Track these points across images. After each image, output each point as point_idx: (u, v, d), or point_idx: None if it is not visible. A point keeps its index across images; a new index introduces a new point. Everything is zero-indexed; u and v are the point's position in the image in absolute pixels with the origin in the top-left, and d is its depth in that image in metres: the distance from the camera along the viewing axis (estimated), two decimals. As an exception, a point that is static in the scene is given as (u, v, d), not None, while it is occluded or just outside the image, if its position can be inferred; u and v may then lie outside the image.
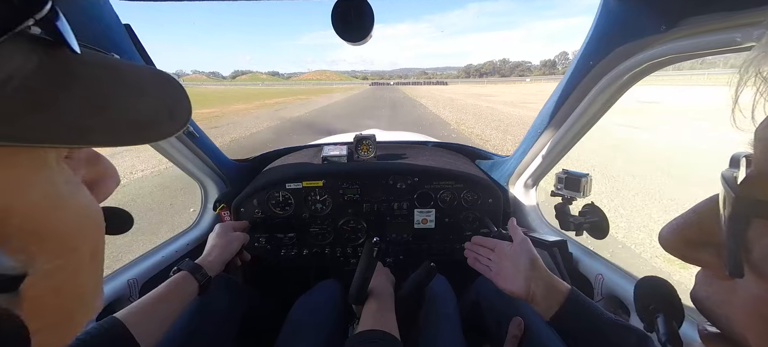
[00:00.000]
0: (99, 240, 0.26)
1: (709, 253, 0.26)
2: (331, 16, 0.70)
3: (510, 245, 0.83)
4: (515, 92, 43.37)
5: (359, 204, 1.30)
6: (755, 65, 0.22)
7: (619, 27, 0.73)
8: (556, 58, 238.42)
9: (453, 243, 1.32)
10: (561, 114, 0.98)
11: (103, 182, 0.28)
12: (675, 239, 0.28)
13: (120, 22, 0.82)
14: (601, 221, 1.01)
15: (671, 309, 0.37)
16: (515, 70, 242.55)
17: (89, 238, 0.25)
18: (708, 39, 0.58)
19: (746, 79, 0.23)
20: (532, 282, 0.72)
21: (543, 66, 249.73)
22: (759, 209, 0.21)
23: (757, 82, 0.22)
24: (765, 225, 0.21)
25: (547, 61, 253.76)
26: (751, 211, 0.21)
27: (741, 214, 0.21)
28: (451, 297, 1.02)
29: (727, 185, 0.22)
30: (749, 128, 0.23)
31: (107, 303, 0.94)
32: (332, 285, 1.08)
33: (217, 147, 1.33)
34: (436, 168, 1.30)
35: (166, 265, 1.16)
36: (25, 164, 0.20)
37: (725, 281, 0.24)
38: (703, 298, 0.27)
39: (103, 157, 0.29)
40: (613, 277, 0.97)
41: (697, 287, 0.28)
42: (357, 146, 1.37)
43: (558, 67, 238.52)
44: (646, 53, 0.69)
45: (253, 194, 1.27)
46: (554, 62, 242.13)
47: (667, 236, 0.28)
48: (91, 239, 0.25)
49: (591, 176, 1.05)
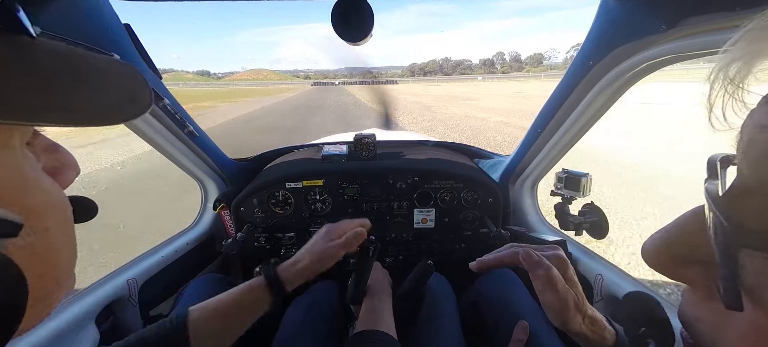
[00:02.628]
0: (68, 221, 0.28)
1: (695, 271, 0.25)
2: (331, 16, 0.70)
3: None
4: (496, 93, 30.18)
5: (359, 204, 1.30)
6: (723, 70, 0.22)
7: (619, 27, 0.73)
8: (494, 57, 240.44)
9: (453, 243, 1.32)
10: (561, 114, 0.98)
11: (64, 171, 0.30)
12: (659, 256, 0.27)
13: (120, 22, 0.82)
14: (600, 221, 1.01)
15: (662, 334, 0.36)
16: (457, 69, 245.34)
17: (59, 219, 0.26)
18: (708, 39, 0.58)
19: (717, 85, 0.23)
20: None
21: (482, 65, 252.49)
22: (748, 240, 0.20)
23: (724, 84, 0.22)
24: (754, 254, 0.20)
25: (486, 60, 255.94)
26: (740, 241, 0.20)
27: (731, 244, 0.21)
28: (450, 296, 1.02)
29: (713, 207, 0.21)
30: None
31: (107, 303, 0.94)
32: (330, 286, 1.08)
33: (218, 147, 1.33)
34: (436, 168, 1.30)
35: (165, 265, 1.16)
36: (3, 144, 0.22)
37: (716, 303, 0.23)
38: (693, 320, 0.26)
39: (61, 147, 0.30)
40: (613, 278, 0.97)
41: (685, 306, 0.27)
42: (357, 146, 1.37)
43: (496, 66, 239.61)
44: (646, 53, 0.69)
45: (253, 194, 1.27)
46: (492, 61, 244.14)
47: (650, 252, 0.27)
48: (61, 220, 0.27)
49: (591, 176, 1.05)
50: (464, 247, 1.32)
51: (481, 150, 1.60)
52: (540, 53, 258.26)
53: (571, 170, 1.06)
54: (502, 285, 1.03)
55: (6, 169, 0.23)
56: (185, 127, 1.09)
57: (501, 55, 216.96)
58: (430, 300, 0.96)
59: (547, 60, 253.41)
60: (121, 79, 0.28)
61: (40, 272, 0.24)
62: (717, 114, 0.23)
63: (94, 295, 0.92)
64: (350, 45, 0.74)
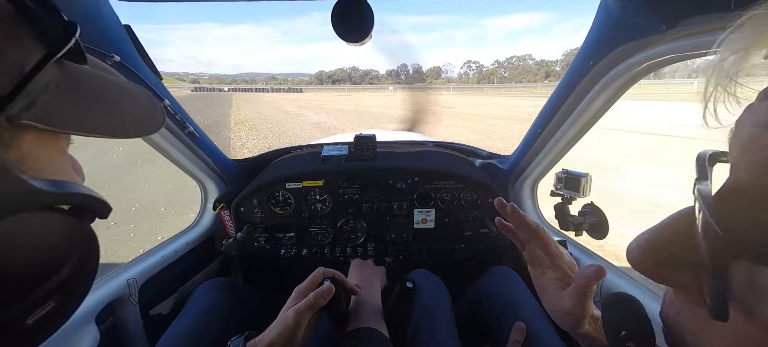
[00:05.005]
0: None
1: (683, 274, 0.24)
2: (331, 17, 0.70)
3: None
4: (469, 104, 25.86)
5: (359, 204, 1.30)
6: (718, 64, 0.22)
7: (619, 27, 0.73)
8: (399, 69, 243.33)
9: (453, 243, 1.32)
10: (561, 114, 0.98)
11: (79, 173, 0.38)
12: (646, 259, 0.25)
13: (120, 22, 0.82)
14: (600, 221, 1.01)
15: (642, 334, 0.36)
16: (365, 78, 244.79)
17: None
18: (708, 39, 0.58)
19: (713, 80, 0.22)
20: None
21: (389, 75, 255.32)
22: (741, 249, 0.19)
23: (720, 79, 0.22)
24: (748, 266, 0.19)
25: (393, 71, 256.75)
26: (733, 250, 0.19)
27: (723, 253, 0.20)
28: (445, 297, 1.02)
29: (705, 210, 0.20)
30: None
31: (107, 302, 0.94)
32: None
33: (218, 147, 1.33)
34: (435, 168, 1.30)
35: (165, 265, 1.16)
36: (57, 147, 0.31)
37: (700, 308, 0.23)
38: (674, 322, 0.25)
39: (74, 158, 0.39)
40: (613, 278, 0.97)
41: (667, 307, 0.26)
42: (357, 146, 1.37)
43: (402, 77, 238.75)
44: (646, 53, 0.69)
45: (253, 194, 1.27)
46: (398, 73, 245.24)
47: (636, 255, 0.26)
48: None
49: (591, 176, 1.05)
50: (464, 247, 1.32)
51: (481, 151, 1.60)
52: (439, 67, 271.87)
53: (570, 170, 1.06)
54: (504, 284, 1.03)
55: (61, 167, 0.32)
56: (185, 128, 1.09)
57: (405, 67, 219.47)
58: (425, 300, 0.96)
59: (445, 73, 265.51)
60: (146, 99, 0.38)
61: None
62: (711, 110, 0.22)
63: (95, 294, 0.92)
64: (350, 45, 0.74)
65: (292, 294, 0.76)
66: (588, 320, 0.54)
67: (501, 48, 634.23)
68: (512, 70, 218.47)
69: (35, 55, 0.25)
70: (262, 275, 1.49)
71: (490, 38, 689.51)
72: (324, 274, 0.78)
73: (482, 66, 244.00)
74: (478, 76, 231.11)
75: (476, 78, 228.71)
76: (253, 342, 0.67)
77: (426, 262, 1.31)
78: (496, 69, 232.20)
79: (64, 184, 0.29)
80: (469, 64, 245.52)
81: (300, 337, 0.68)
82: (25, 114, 0.25)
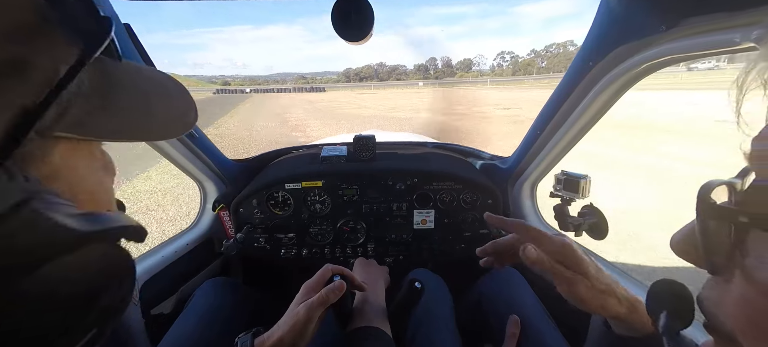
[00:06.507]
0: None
1: (718, 258, 0.27)
2: (331, 16, 0.70)
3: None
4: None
5: (358, 205, 1.30)
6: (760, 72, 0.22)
7: (619, 27, 0.73)
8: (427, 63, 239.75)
9: (452, 244, 1.32)
10: (561, 115, 0.98)
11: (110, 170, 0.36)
12: (685, 245, 0.29)
13: (120, 22, 0.82)
14: (600, 222, 1.00)
15: (679, 307, 0.37)
16: (392, 74, 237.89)
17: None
18: (708, 39, 0.58)
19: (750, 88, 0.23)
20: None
21: (417, 70, 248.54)
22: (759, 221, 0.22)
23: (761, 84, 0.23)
24: (762, 236, 0.22)
25: (421, 66, 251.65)
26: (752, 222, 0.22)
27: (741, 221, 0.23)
28: (446, 297, 1.01)
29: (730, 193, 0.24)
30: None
31: None
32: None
33: (217, 148, 1.33)
34: (435, 169, 1.30)
35: (165, 265, 1.16)
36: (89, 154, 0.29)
37: (723, 283, 0.26)
38: (704, 298, 0.28)
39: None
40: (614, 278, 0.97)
41: (702, 289, 0.29)
42: (356, 147, 1.37)
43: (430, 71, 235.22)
44: (646, 53, 0.69)
45: (253, 195, 1.26)
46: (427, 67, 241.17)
47: (678, 242, 0.30)
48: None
49: (590, 177, 1.04)
50: (464, 248, 1.32)
51: (480, 152, 1.60)
52: (469, 59, 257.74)
53: (570, 171, 1.06)
54: (505, 284, 1.03)
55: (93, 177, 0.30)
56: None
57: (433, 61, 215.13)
58: (425, 302, 0.95)
59: (476, 66, 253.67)
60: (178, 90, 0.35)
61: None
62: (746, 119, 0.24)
63: None
64: (350, 44, 0.74)
65: (301, 289, 0.75)
66: (613, 300, 0.55)
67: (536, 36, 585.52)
68: (551, 59, 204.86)
69: (69, 57, 0.22)
70: (262, 275, 1.48)
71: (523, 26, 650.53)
72: (332, 271, 0.77)
73: (517, 56, 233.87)
74: (513, 67, 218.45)
75: (511, 70, 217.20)
76: (261, 339, 0.66)
77: (427, 262, 1.31)
78: (533, 59, 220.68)
79: (98, 219, 0.25)
80: (502, 55, 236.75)
81: (310, 333, 0.67)
82: (57, 126, 0.22)
